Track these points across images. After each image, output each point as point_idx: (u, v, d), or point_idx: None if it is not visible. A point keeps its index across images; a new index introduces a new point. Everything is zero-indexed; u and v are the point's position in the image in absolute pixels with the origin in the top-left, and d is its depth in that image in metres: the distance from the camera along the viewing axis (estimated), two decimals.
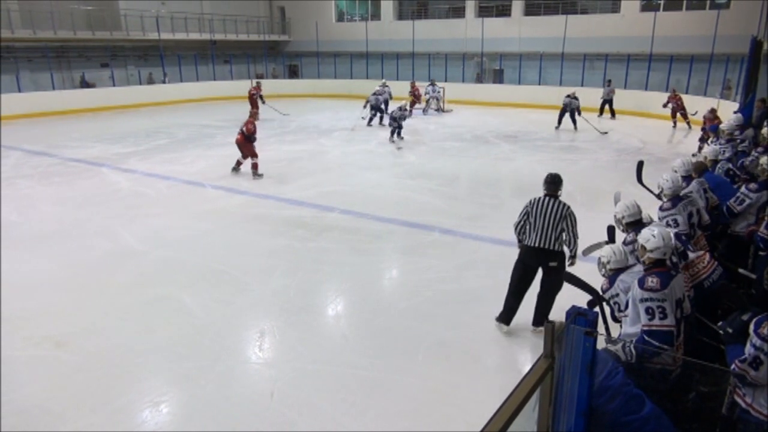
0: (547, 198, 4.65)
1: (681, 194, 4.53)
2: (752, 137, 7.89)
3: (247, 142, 10.38)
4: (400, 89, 20.86)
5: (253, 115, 11.54)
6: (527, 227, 4.68)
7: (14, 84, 19.13)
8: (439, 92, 20.02)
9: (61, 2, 20.59)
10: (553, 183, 4.68)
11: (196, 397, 4.02)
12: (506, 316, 4.82)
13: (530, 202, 4.71)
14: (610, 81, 18.92)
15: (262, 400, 3.98)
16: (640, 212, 3.93)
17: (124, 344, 4.71)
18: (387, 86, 18.43)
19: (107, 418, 3.78)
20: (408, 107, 14.95)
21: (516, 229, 4.78)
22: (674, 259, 3.46)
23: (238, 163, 10.77)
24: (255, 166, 10.54)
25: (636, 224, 3.83)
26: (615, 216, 4.02)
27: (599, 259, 3.50)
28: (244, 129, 10.33)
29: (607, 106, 18.50)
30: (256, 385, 4.19)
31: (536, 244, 4.58)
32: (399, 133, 14.45)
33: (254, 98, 17.93)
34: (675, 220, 4.28)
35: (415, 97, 19.99)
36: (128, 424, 3.73)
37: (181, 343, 4.72)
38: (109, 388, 4.09)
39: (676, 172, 5.11)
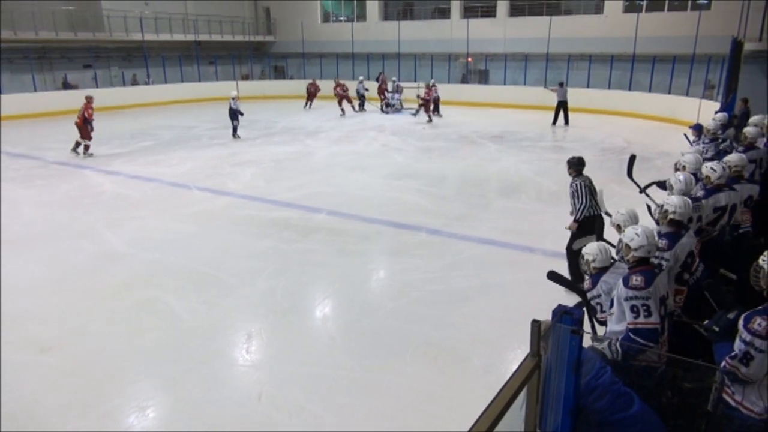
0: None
1: (693, 195, 4.33)
2: (733, 137, 7.99)
3: (85, 125, 12.35)
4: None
5: (90, 99, 12.89)
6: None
7: None
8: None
9: (43, 2, 20.27)
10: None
11: (183, 400, 3.99)
12: None
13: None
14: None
15: (250, 402, 3.96)
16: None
17: (110, 348, 4.67)
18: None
19: (94, 422, 3.74)
20: None
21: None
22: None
23: (77, 144, 12.54)
24: (87, 147, 12.57)
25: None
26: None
27: (583, 255, 3.40)
28: (86, 114, 12.33)
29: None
30: (244, 388, 4.17)
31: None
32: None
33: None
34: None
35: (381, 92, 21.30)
36: (115, 429, 3.70)
37: (168, 347, 4.69)
38: (95, 392, 4.05)
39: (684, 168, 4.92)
